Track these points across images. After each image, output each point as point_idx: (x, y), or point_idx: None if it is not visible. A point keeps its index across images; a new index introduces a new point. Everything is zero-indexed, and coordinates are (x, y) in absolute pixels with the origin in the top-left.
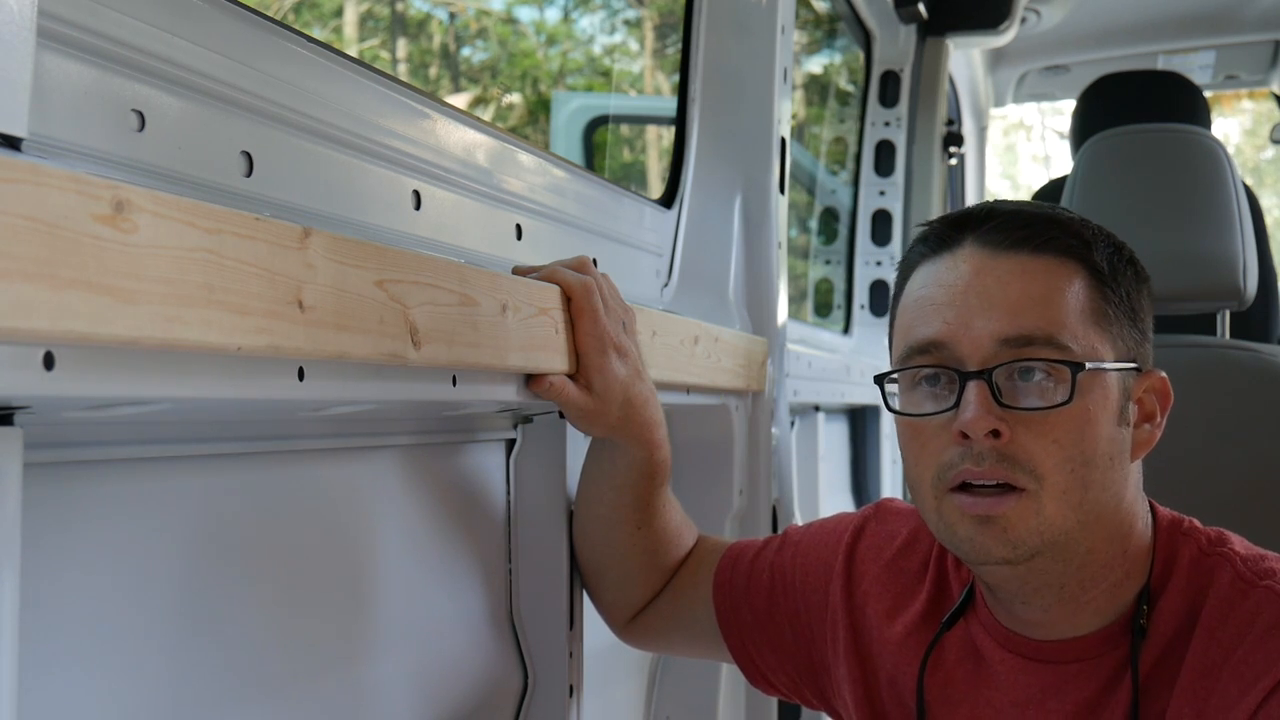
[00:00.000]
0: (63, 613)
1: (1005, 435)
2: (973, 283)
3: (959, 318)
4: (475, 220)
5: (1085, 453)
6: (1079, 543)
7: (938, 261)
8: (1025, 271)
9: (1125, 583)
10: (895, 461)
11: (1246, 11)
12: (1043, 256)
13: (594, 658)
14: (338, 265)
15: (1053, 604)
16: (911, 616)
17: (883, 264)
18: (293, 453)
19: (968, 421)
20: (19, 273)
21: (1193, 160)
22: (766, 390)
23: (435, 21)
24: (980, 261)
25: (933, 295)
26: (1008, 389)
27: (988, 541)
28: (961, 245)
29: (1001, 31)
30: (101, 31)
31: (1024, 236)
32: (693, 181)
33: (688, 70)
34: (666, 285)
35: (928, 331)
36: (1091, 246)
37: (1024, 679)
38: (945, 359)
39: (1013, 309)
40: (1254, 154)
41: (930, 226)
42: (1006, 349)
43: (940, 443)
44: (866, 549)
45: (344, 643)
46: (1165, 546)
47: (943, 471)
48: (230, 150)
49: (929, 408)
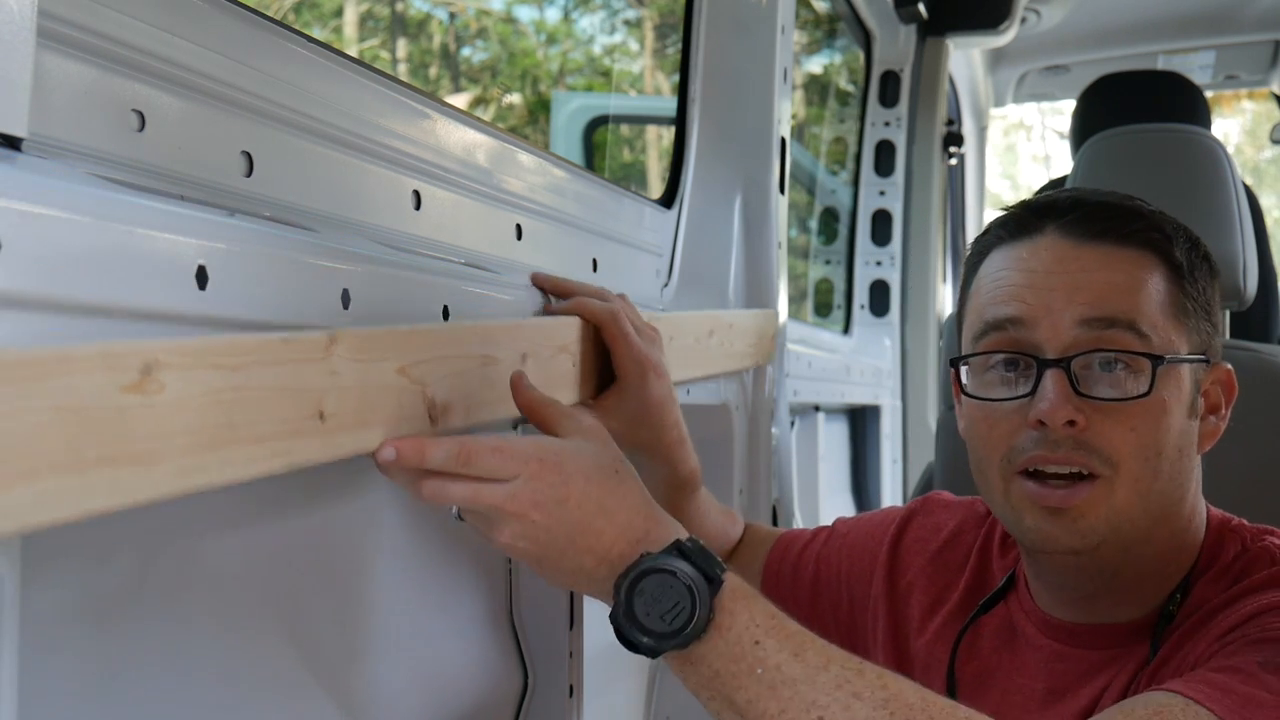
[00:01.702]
0: (63, 612)
1: (1081, 424)
2: (1055, 268)
3: (1039, 300)
4: (475, 220)
5: (1159, 443)
6: (1142, 532)
7: (1017, 245)
8: (1109, 261)
9: (1173, 577)
10: (895, 461)
11: (1246, 11)
12: (1125, 248)
13: (594, 658)
14: (361, 365)
15: (1102, 591)
16: (949, 607)
17: (883, 264)
18: None
19: (1045, 411)
20: (47, 468)
21: (1193, 160)
22: (767, 390)
23: (435, 21)
24: (1064, 250)
25: (1012, 277)
26: (1085, 378)
27: (1057, 532)
28: (1043, 233)
29: (1001, 31)
30: (101, 31)
31: (1108, 228)
32: (693, 181)
33: (688, 70)
34: (666, 285)
35: (1006, 310)
36: (1172, 240)
37: (1060, 665)
38: (1022, 341)
39: (1097, 294)
40: (1254, 154)
41: (1010, 211)
42: (1087, 331)
43: (1011, 425)
44: (912, 541)
45: (344, 643)
46: (1212, 543)
47: (1013, 455)
48: (230, 150)
49: (1004, 392)
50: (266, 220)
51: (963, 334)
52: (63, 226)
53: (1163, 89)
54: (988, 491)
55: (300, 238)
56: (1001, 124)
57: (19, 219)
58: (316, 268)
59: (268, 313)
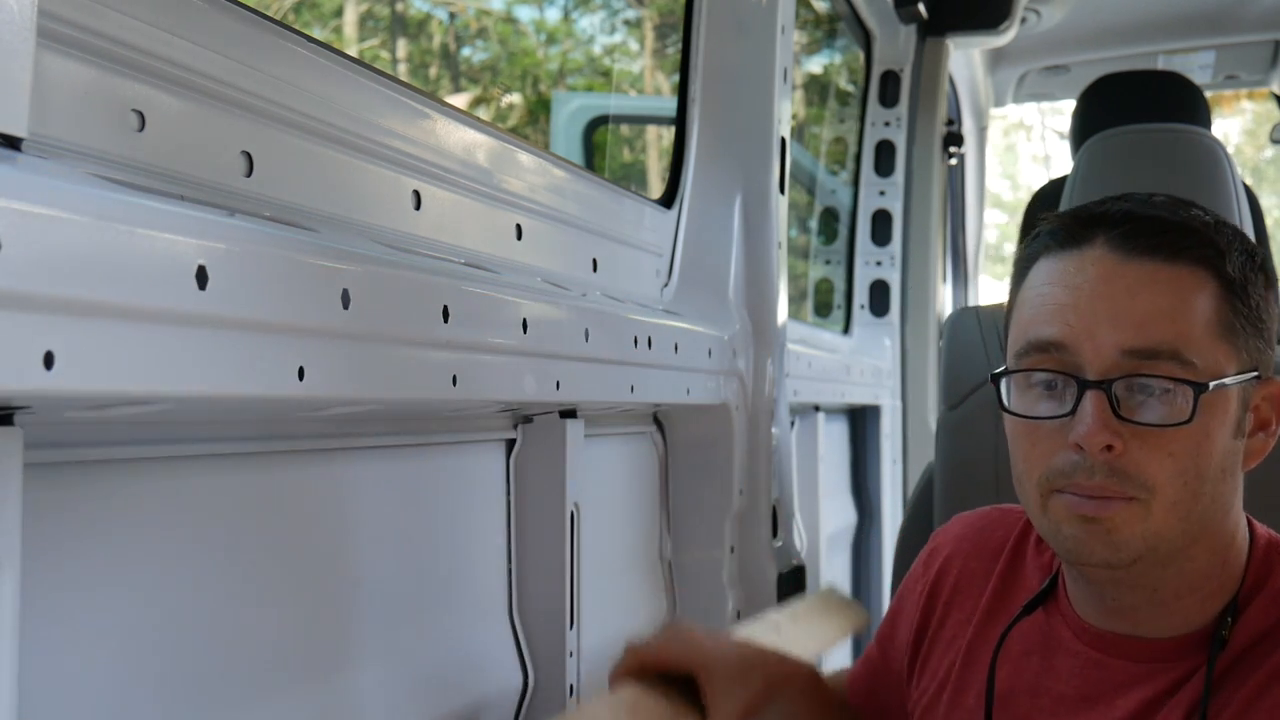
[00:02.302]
0: (63, 612)
1: (1119, 448)
2: (1100, 288)
3: (1082, 322)
4: (475, 220)
5: (1200, 467)
6: (1183, 551)
7: (1064, 258)
8: (1155, 281)
9: (1217, 594)
10: (895, 461)
11: (1246, 11)
12: (1175, 265)
13: (594, 658)
14: None
15: (1143, 605)
16: (981, 611)
17: (883, 264)
18: (293, 453)
19: (1084, 435)
20: None
21: (1193, 160)
22: (767, 390)
23: (435, 21)
24: (1110, 266)
25: (1056, 294)
26: (1126, 400)
27: (1092, 542)
28: (1092, 245)
29: (1001, 31)
30: (101, 31)
31: (1158, 244)
32: (693, 181)
33: (688, 70)
34: (666, 285)
35: (1049, 332)
36: (1225, 256)
37: (1095, 674)
38: (1065, 363)
39: (1140, 321)
40: (1254, 154)
41: (1060, 219)
42: (1130, 360)
43: (1053, 445)
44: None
45: (344, 643)
46: (1260, 565)
47: (1052, 475)
48: (230, 150)
49: (1043, 410)
50: (267, 220)
51: (1008, 344)
52: (63, 226)
53: (1163, 89)
54: (1026, 503)
55: (300, 238)
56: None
57: (19, 219)
58: (316, 268)
59: (268, 313)
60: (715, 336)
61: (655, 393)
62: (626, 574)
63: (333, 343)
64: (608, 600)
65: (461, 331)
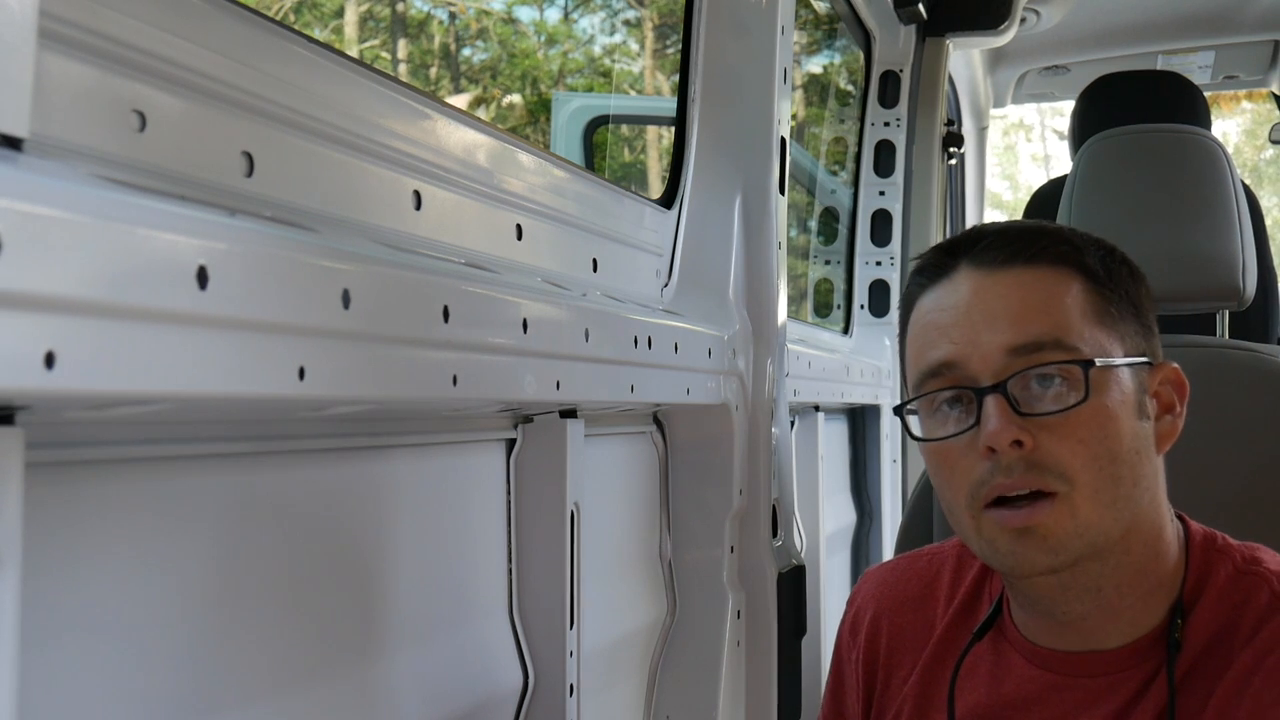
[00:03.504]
0: (64, 612)
1: (1029, 443)
2: (973, 301)
3: (965, 336)
4: (475, 220)
5: (1111, 449)
6: (1116, 543)
7: (937, 289)
8: (1022, 283)
9: (1157, 593)
10: (894, 461)
11: (1246, 12)
12: (1036, 267)
13: (594, 658)
14: None
15: (1091, 612)
16: (925, 658)
17: (882, 264)
18: (293, 453)
19: (990, 434)
20: None
21: (1192, 160)
22: (767, 390)
23: (435, 21)
24: (977, 281)
25: (936, 320)
26: (1024, 398)
27: (1029, 552)
28: (957, 270)
29: (1001, 32)
30: (102, 31)
31: (1015, 251)
32: (693, 181)
33: (688, 70)
34: (666, 285)
35: (937, 355)
36: (1082, 251)
37: (1057, 695)
38: (959, 378)
39: (1017, 318)
40: (1254, 154)
41: (924, 257)
42: (1017, 358)
43: (969, 462)
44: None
45: (344, 643)
46: (1199, 562)
47: (975, 489)
48: (231, 150)
49: (951, 429)
50: (267, 220)
51: (908, 383)
52: (64, 226)
53: (1162, 89)
54: (961, 531)
55: (301, 238)
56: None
57: (19, 219)
58: (317, 268)
59: (268, 313)
60: (715, 336)
61: (655, 393)
62: (626, 574)
63: (333, 343)
64: (608, 600)
65: (461, 331)
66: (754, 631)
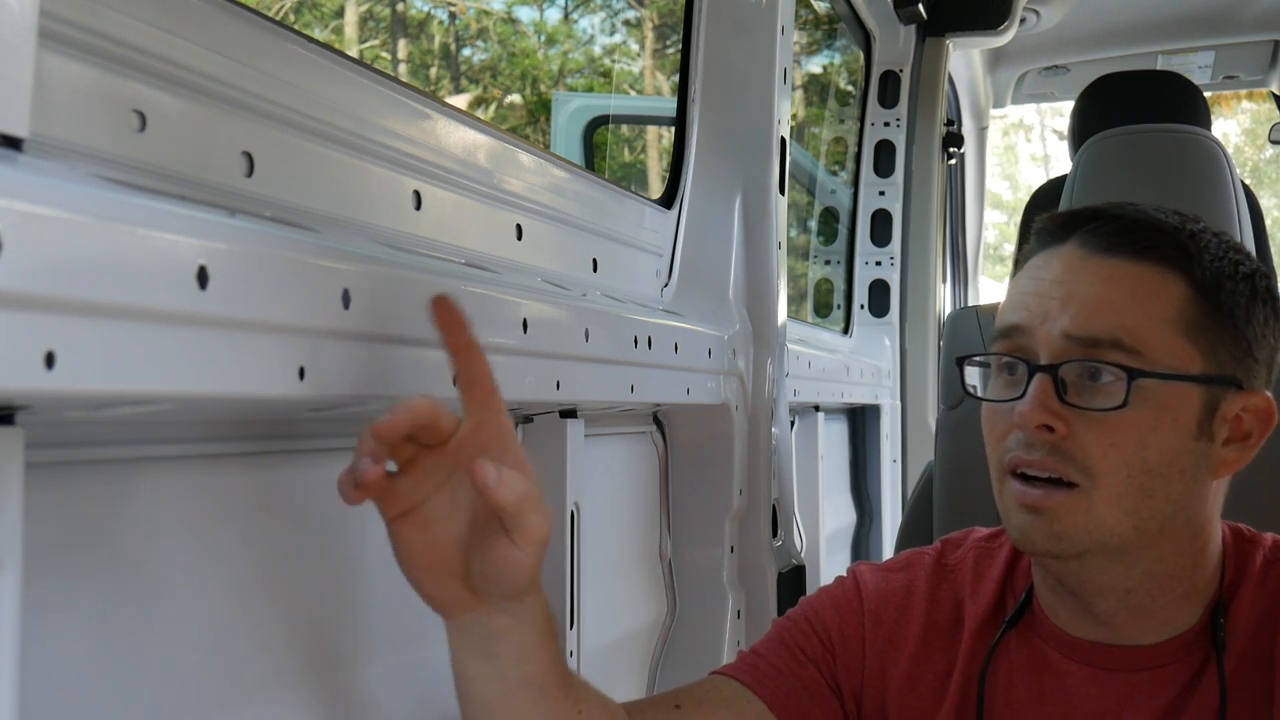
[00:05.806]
0: (64, 612)
1: (1061, 430)
2: (1061, 278)
3: (1040, 309)
4: (475, 220)
5: (1147, 461)
6: (1141, 550)
7: (1042, 255)
8: (1114, 276)
9: (1193, 595)
10: (895, 461)
11: (1246, 12)
12: (1139, 263)
13: (594, 657)
14: None
15: (1119, 609)
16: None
17: (882, 264)
18: (293, 453)
19: (1022, 413)
20: None
21: (1192, 160)
22: (767, 390)
23: (435, 22)
24: (1075, 260)
25: (1025, 285)
26: (1075, 386)
27: (1034, 532)
28: (1065, 243)
29: (1001, 32)
30: (102, 31)
31: (1123, 241)
32: (693, 181)
33: (688, 70)
34: (666, 285)
35: (1011, 318)
36: (1195, 259)
37: (1096, 689)
38: (1022, 347)
39: (1089, 309)
40: (1254, 154)
41: (1044, 220)
42: (1075, 346)
43: (1007, 426)
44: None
45: (344, 643)
46: (1235, 557)
47: (1004, 454)
48: (231, 150)
49: (1001, 393)
50: (267, 220)
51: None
52: (63, 226)
53: (1162, 89)
54: (994, 487)
55: (301, 238)
56: (1001, 124)
57: (19, 219)
58: (317, 268)
59: (268, 313)
60: (715, 336)
61: (655, 393)
62: (626, 574)
63: (333, 343)
64: (608, 600)
65: None
66: (754, 631)
